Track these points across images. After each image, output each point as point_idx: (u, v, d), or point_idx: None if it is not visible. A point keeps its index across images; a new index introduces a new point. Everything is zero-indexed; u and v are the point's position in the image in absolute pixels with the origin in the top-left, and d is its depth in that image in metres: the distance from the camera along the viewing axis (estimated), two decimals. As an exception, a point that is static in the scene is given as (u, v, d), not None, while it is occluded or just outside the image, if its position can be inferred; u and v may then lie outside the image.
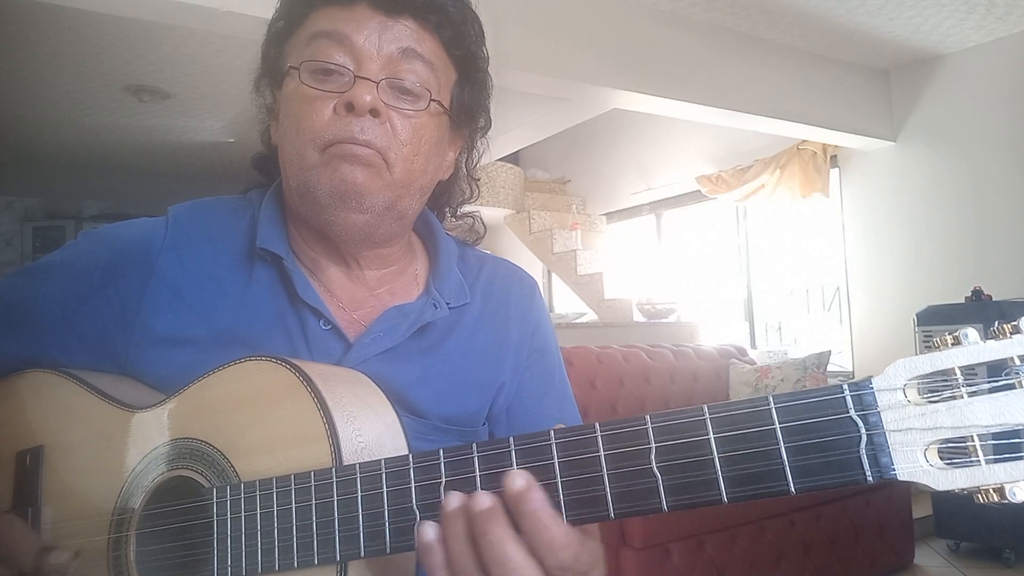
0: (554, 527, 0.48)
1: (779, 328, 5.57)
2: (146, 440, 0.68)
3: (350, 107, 0.68)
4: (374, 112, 0.69)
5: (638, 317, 5.33)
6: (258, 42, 0.80)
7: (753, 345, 5.39)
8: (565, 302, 6.70)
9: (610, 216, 6.77)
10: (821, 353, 3.92)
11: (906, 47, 4.40)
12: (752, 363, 4.12)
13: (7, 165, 6.07)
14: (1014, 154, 4.17)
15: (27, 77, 4.41)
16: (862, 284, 4.90)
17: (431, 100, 0.72)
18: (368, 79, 0.69)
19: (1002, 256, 4.18)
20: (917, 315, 3.40)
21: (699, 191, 5.61)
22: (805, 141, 4.90)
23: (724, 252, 5.88)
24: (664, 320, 5.14)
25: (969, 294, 3.51)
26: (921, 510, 3.54)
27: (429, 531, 0.50)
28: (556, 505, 0.50)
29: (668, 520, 2.50)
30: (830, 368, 4.07)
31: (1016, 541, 3.23)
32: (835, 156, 5.01)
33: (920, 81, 4.62)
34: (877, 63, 4.66)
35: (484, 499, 0.49)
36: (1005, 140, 4.21)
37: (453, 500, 0.50)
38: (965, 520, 3.35)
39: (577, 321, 5.48)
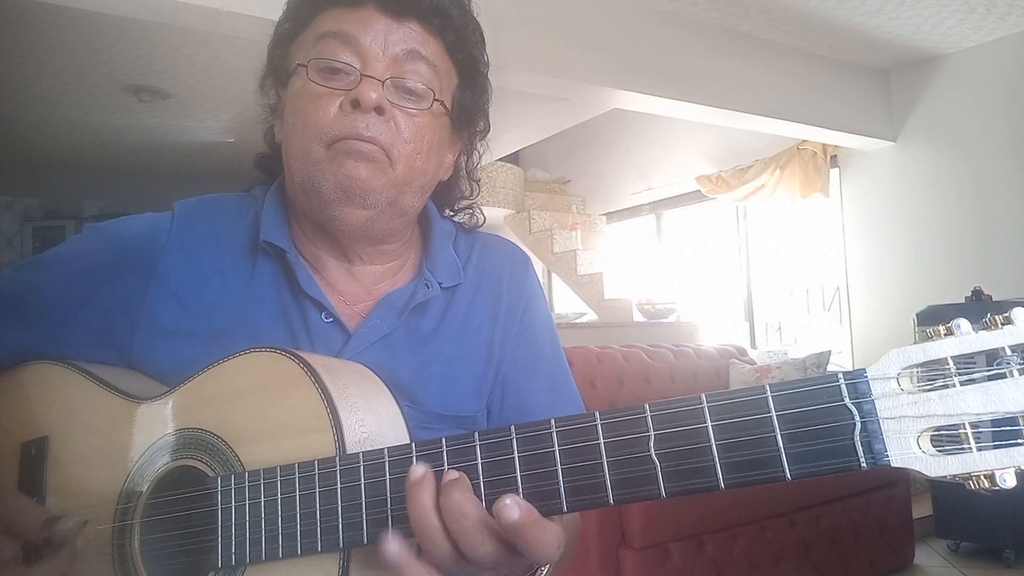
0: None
1: (779, 328, 5.57)
2: (151, 430, 0.68)
3: (356, 104, 0.69)
4: (379, 110, 0.70)
5: (638, 317, 5.32)
6: (259, 42, 0.82)
7: (753, 345, 5.39)
8: (565, 302, 6.70)
9: (610, 216, 6.77)
10: (821, 353, 3.92)
11: (906, 47, 4.40)
12: (752, 363, 4.12)
13: (7, 165, 6.06)
14: (1014, 154, 4.18)
15: (27, 77, 4.41)
16: (862, 284, 4.90)
17: (434, 100, 0.74)
18: (374, 78, 0.70)
19: (1002, 256, 4.18)
20: (917, 315, 3.40)
21: (699, 191, 5.61)
22: (805, 141, 4.90)
23: (724, 252, 5.88)
24: (664, 320, 5.14)
25: (969, 294, 3.51)
26: (921, 510, 3.53)
27: (393, 545, 0.52)
28: (556, 492, 0.51)
29: (668, 520, 2.50)
30: (830, 368, 4.06)
31: (1016, 541, 3.23)
32: (835, 156, 5.01)
33: (920, 81, 4.62)
34: (877, 63, 4.66)
35: (452, 473, 0.53)
36: (1005, 140, 4.21)
37: (419, 469, 0.53)
38: (965, 520, 3.35)
39: (577, 321, 5.47)
